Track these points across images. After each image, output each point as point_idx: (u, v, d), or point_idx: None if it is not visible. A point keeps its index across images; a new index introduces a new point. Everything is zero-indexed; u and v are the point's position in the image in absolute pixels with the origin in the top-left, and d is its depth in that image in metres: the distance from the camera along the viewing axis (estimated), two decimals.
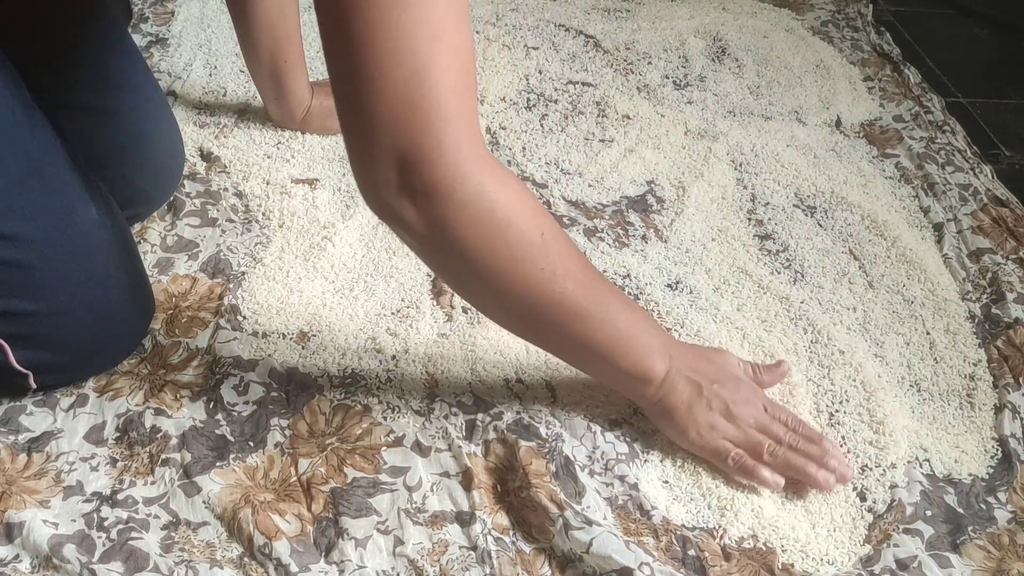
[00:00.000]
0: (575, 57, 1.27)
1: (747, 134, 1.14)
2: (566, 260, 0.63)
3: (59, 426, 0.72)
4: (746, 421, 0.70)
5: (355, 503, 0.68)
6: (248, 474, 0.69)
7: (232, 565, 0.64)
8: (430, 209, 0.58)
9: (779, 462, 0.70)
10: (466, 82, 0.56)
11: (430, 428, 0.74)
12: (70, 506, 0.66)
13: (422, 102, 0.54)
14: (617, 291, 0.71)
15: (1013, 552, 0.69)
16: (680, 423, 0.70)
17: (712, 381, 0.71)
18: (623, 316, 0.67)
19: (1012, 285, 0.93)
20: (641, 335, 0.69)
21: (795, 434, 0.71)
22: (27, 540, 0.63)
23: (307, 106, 1.04)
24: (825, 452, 0.71)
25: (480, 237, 0.60)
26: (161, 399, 0.74)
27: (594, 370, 0.72)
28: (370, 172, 0.58)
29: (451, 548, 0.65)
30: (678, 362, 0.70)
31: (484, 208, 0.59)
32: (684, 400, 0.70)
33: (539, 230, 0.62)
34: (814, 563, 0.67)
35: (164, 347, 0.79)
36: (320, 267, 0.88)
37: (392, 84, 0.54)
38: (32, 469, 0.69)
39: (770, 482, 0.69)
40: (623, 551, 0.63)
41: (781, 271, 0.94)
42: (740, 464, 0.70)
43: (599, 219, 0.98)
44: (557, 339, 0.68)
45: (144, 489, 0.68)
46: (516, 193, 0.61)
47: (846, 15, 1.47)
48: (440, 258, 0.63)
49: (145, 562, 0.63)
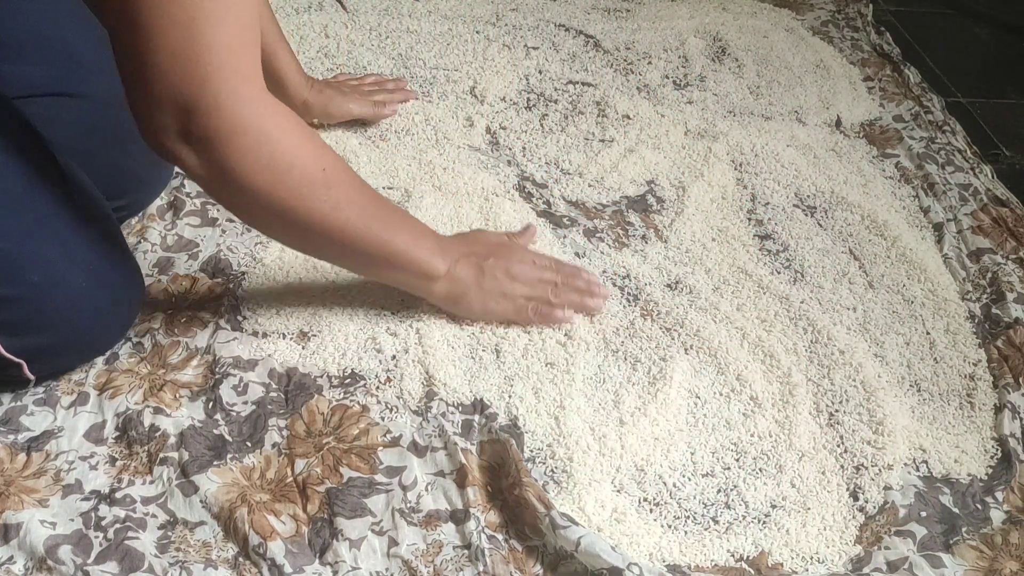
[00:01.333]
0: (575, 57, 1.27)
1: (747, 134, 1.14)
2: (348, 190, 0.71)
3: (59, 424, 0.72)
4: (526, 278, 0.82)
5: (350, 504, 0.68)
6: (244, 474, 0.69)
7: (227, 565, 0.64)
8: (211, 155, 0.62)
9: (563, 300, 0.82)
10: (243, 34, 0.60)
11: (427, 428, 0.74)
12: (68, 504, 0.66)
13: (199, 56, 0.58)
14: (396, 209, 0.81)
15: (1006, 551, 0.69)
16: (476, 301, 0.81)
17: (486, 257, 0.81)
18: (403, 230, 0.76)
19: (1012, 285, 0.93)
20: (421, 241, 0.77)
21: (563, 274, 0.84)
22: (23, 541, 0.63)
23: (307, 88, 1.04)
24: (589, 282, 0.85)
25: (263, 180, 0.65)
26: (160, 398, 0.74)
27: (388, 278, 0.81)
28: (150, 120, 0.61)
29: (445, 548, 0.65)
30: (453, 254, 0.79)
31: (265, 154, 0.63)
32: (472, 282, 0.80)
33: (320, 166, 0.67)
34: (803, 562, 0.67)
35: (163, 347, 0.79)
36: (320, 267, 0.88)
37: (169, 39, 0.57)
38: (31, 468, 0.69)
39: (566, 318, 0.82)
40: (611, 552, 0.63)
41: (781, 271, 0.94)
42: (539, 313, 0.81)
43: (599, 219, 0.98)
44: (348, 258, 0.77)
45: (142, 488, 0.68)
46: (297, 136, 0.66)
47: (846, 15, 1.47)
48: (225, 197, 0.69)
49: (140, 562, 0.63)
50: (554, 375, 0.79)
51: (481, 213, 0.97)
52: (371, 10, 1.32)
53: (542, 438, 0.74)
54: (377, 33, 1.27)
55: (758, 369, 0.82)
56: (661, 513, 0.70)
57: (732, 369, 0.81)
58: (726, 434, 0.76)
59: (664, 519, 0.70)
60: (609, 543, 0.64)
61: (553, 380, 0.79)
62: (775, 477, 0.73)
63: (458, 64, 1.22)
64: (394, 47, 1.24)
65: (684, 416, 0.77)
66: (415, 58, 1.22)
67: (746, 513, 0.70)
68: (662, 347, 0.83)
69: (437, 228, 0.84)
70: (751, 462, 0.74)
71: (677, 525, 0.69)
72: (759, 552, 0.68)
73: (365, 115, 1.09)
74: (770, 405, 0.79)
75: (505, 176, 1.03)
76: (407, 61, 1.22)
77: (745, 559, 0.67)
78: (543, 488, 0.69)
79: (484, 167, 1.04)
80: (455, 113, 1.12)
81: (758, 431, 0.76)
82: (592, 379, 0.80)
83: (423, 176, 1.01)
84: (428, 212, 0.95)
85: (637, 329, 0.85)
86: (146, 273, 0.85)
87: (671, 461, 0.74)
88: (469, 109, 1.14)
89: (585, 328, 0.84)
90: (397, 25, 1.29)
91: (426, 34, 1.28)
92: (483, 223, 0.95)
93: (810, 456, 0.75)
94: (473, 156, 1.06)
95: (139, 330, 0.80)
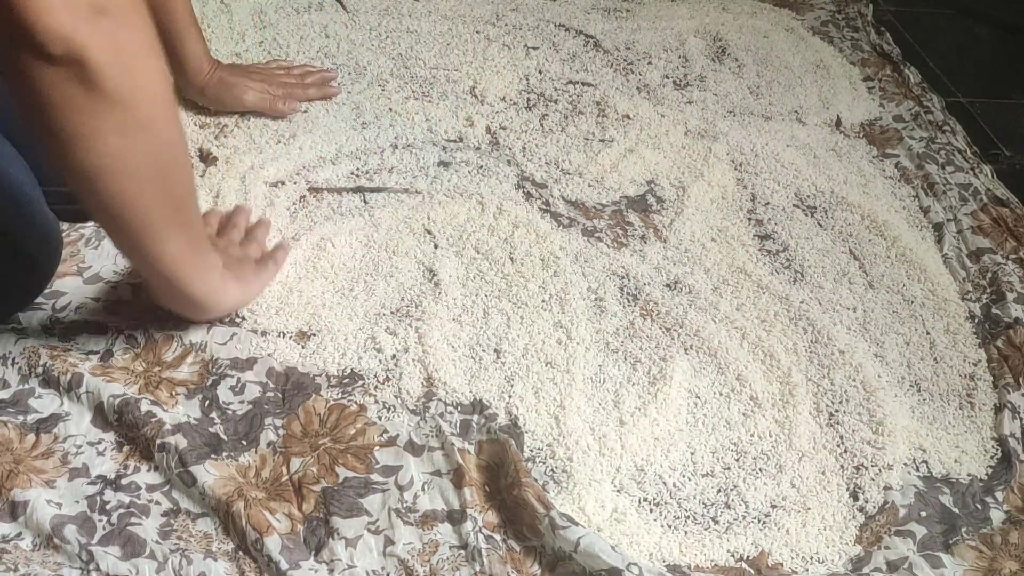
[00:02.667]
0: (575, 57, 1.27)
1: (747, 134, 1.14)
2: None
3: (66, 409, 0.72)
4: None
5: (346, 504, 0.68)
6: (240, 472, 0.69)
7: (226, 558, 0.64)
8: (115, 35, 0.56)
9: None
10: None
11: (424, 427, 0.74)
12: (75, 487, 0.67)
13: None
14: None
15: (1005, 551, 0.69)
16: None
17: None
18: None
19: (1012, 285, 0.93)
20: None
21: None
22: (30, 519, 0.64)
23: (206, 73, 1.03)
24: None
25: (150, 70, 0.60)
26: (156, 396, 0.74)
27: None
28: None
29: (441, 548, 0.65)
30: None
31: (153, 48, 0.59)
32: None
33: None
34: (803, 562, 0.67)
35: (157, 342, 0.79)
36: (320, 267, 0.88)
37: None
38: (40, 449, 0.69)
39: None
40: (610, 552, 0.63)
41: (781, 271, 0.94)
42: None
43: (599, 219, 0.98)
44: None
45: (147, 475, 0.69)
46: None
47: (846, 15, 1.47)
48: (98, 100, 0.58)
49: (142, 548, 0.63)
50: (554, 375, 0.79)
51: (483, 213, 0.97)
52: (371, 10, 1.32)
53: (542, 438, 0.74)
54: (377, 33, 1.27)
55: (758, 369, 0.82)
56: (661, 513, 0.70)
57: (732, 369, 0.81)
58: (726, 434, 0.76)
59: (664, 519, 0.70)
60: (609, 543, 0.64)
61: (553, 380, 0.79)
62: (775, 477, 0.73)
63: (458, 64, 1.22)
64: (394, 47, 1.24)
65: (684, 416, 0.77)
66: (415, 58, 1.22)
67: (746, 513, 0.70)
68: (662, 347, 0.83)
69: (435, 229, 0.84)
70: (751, 462, 0.74)
71: (677, 525, 0.69)
72: (759, 552, 0.68)
73: (261, 107, 1.06)
74: (770, 405, 0.79)
75: (505, 176, 1.03)
76: (407, 61, 1.22)
77: (745, 559, 0.67)
78: (543, 488, 0.69)
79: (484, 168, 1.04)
80: (455, 113, 1.12)
81: (758, 431, 0.76)
82: (592, 379, 0.80)
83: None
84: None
85: (637, 329, 0.85)
86: None
87: (671, 461, 0.74)
88: (469, 109, 1.14)
89: (585, 328, 0.84)
90: (397, 25, 1.29)
91: (426, 34, 1.28)
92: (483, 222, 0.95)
93: (810, 456, 0.75)
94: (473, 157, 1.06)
95: (132, 323, 0.80)
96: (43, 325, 0.79)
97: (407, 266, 0.89)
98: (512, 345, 0.82)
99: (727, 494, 0.72)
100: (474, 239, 0.93)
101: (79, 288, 0.83)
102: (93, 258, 0.86)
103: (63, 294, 0.82)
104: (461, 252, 0.91)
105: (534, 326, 0.83)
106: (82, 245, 0.87)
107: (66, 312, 0.80)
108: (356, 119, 1.09)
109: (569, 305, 0.86)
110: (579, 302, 0.86)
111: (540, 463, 0.72)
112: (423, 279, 0.88)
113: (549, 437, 0.74)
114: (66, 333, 0.79)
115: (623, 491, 0.71)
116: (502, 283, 0.88)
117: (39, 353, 0.75)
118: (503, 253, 0.91)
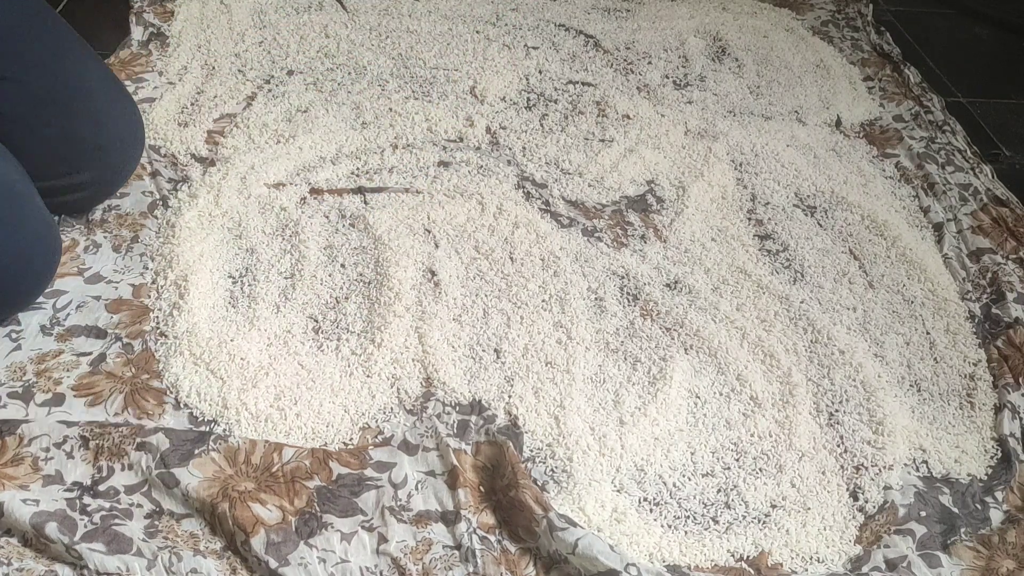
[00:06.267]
0: (575, 57, 1.27)
1: (747, 134, 1.14)
2: None
3: (30, 416, 0.71)
4: None
5: (341, 504, 0.67)
6: (230, 457, 0.68)
7: (215, 556, 0.64)
8: None
9: None
10: None
11: (420, 427, 0.73)
12: (51, 493, 0.66)
13: None
14: None
15: (1003, 550, 0.69)
16: None
17: None
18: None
19: (1012, 285, 0.93)
20: None
21: None
22: (9, 518, 0.63)
23: None
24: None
25: None
26: (142, 407, 0.73)
27: None
28: None
29: (435, 547, 0.65)
30: None
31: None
32: None
33: None
34: (803, 561, 0.67)
35: (152, 351, 0.78)
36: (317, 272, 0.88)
37: None
38: (7, 455, 0.68)
39: None
40: (608, 553, 0.63)
41: (781, 271, 0.94)
42: None
43: (598, 219, 0.98)
44: None
45: (123, 476, 0.67)
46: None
47: (846, 15, 1.47)
48: None
49: (128, 546, 0.63)
50: (554, 375, 0.79)
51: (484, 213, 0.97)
52: (371, 10, 1.32)
53: (542, 438, 0.74)
54: (377, 33, 1.27)
55: (758, 369, 0.82)
56: (661, 513, 0.70)
57: (732, 369, 0.81)
58: (726, 434, 0.76)
59: (664, 519, 0.70)
60: (608, 544, 0.64)
61: (553, 380, 0.79)
62: (775, 477, 0.73)
63: (458, 64, 1.22)
64: (394, 47, 1.24)
65: (684, 416, 0.77)
66: (415, 58, 1.22)
67: (746, 513, 0.70)
68: (662, 347, 0.83)
69: (435, 229, 0.84)
70: (751, 462, 0.74)
71: (677, 525, 0.69)
72: (759, 552, 0.68)
73: None
74: (770, 405, 0.79)
75: (505, 176, 1.03)
76: (407, 61, 1.22)
77: (745, 559, 0.67)
78: (543, 488, 0.69)
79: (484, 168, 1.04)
80: (455, 113, 1.12)
81: (758, 431, 0.76)
82: (592, 379, 0.80)
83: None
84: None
85: (637, 329, 0.85)
86: (141, 271, 0.85)
87: (671, 461, 0.74)
88: (469, 109, 1.14)
89: (585, 328, 0.84)
90: (397, 25, 1.29)
91: (426, 34, 1.28)
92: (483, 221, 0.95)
93: (810, 456, 0.75)
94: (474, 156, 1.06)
95: (131, 332, 0.79)
96: (42, 325, 0.79)
97: (407, 266, 0.89)
98: (512, 345, 0.82)
99: (727, 494, 0.72)
100: (474, 239, 0.93)
101: (80, 287, 0.83)
102: (93, 260, 0.86)
103: (64, 293, 0.82)
104: (461, 252, 0.91)
105: (534, 326, 0.83)
106: (81, 251, 0.87)
107: (67, 311, 0.80)
108: (356, 119, 1.09)
109: (569, 305, 0.86)
110: (579, 302, 0.86)
111: (540, 463, 0.72)
112: (423, 279, 0.88)
113: (549, 437, 0.74)
114: (64, 335, 0.78)
115: (623, 491, 0.71)
116: (502, 283, 0.88)
117: (25, 369, 0.74)
118: (503, 253, 0.91)
